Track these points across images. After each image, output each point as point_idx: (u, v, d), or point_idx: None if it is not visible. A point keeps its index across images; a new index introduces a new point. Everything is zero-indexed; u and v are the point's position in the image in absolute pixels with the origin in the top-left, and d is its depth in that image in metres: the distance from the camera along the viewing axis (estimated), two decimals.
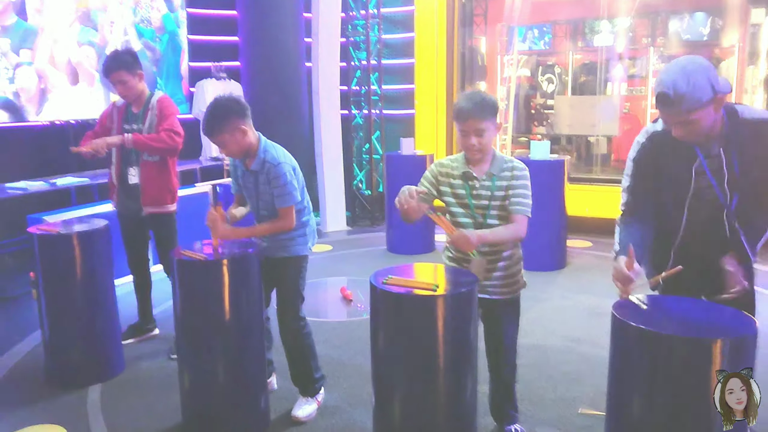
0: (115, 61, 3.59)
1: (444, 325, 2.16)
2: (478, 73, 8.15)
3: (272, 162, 2.82)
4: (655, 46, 7.93)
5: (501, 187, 2.49)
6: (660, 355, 1.75)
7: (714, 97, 1.98)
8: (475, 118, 2.42)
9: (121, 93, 3.66)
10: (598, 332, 3.98)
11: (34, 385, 3.42)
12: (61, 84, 6.06)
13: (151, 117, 3.67)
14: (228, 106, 2.77)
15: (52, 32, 5.93)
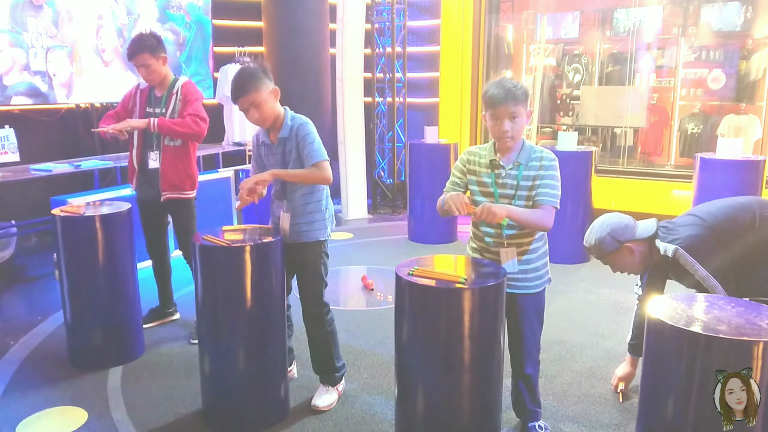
0: (138, 44, 3.56)
1: (471, 319, 2.11)
2: (503, 62, 8.03)
3: (301, 122, 2.82)
4: (686, 36, 7.74)
5: (528, 177, 2.42)
6: (698, 357, 1.68)
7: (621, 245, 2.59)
8: (508, 103, 2.36)
9: (145, 76, 3.63)
10: (624, 328, 3.89)
11: (55, 366, 3.44)
12: (94, 67, 6.08)
13: (174, 102, 3.64)
14: (257, 69, 2.75)
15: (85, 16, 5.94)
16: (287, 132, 2.81)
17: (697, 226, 2.52)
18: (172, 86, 3.68)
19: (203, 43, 7.43)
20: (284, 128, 2.82)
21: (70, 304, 3.41)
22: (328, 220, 2.97)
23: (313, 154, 2.77)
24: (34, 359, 3.56)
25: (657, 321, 1.77)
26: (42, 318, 4.14)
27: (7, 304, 4.51)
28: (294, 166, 2.82)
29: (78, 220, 3.35)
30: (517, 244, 2.47)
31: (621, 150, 7.80)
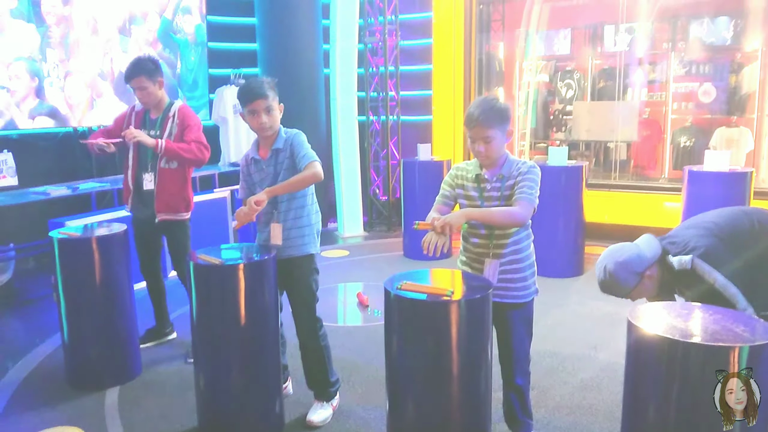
0: (136, 67, 3.64)
1: (458, 331, 2.15)
2: (495, 79, 8.13)
3: (293, 133, 2.93)
4: (676, 50, 7.85)
5: (509, 186, 2.49)
6: (676, 363, 1.72)
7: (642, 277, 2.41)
8: (481, 126, 2.42)
9: (141, 99, 3.70)
10: (616, 339, 3.94)
11: (53, 387, 3.47)
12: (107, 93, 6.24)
13: (171, 126, 3.69)
14: (271, 81, 2.91)
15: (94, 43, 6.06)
16: (281, 143, 2.91)
17: (707, 237, 2.46)
18: (167, 109, 3.74)
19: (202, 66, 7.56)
20: (278, 140, 2.92)
21: (68, 325, 3.45)
22: (316, 234, 3.03)
23: (305, 156, 2.87)
24: (32, 380, 3.59)
25: (636, 328, 1.82)
26: (40, 340, 4.17)
27: (6, 326, 4.55)
28: (285, 176, 2.88)
29: (76, 242, 3.41)
30: (502, 255, 2.52)
31: (614, 164, 7.87)
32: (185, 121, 3.70)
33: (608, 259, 2.44)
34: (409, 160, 6.30)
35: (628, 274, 2.41)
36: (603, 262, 2.45)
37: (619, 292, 2.46)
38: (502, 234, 2.52)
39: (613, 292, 2.46)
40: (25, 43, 5.56)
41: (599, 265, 2.47)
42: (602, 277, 2.45)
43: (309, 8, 7.23)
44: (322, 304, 3.06)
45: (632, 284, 2.41)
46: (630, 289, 2.43)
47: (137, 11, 6.63)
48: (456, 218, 2.34)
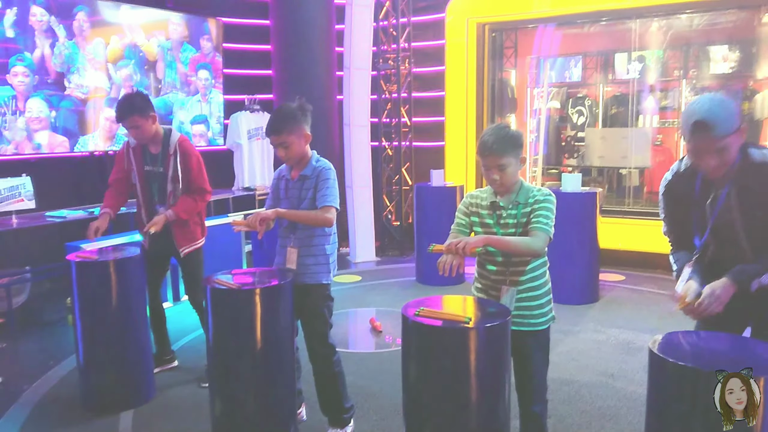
0: (126, 107, 3.56)
1: (476, 358, 2.14)
2: (508, 106, 8.18)
3: (325, 166, 2.97)
4: (687, 78, 7.88)
5: (525, 213, 2.49)
6: (700, 393, 1.70)
7: (740, 126, 2.13)
8: (495, 155, 2.43)
9: (136, 137, 3.63)
10: (634, 368, 3.90)
11: (68, 410, 3.47)
12: None
13: (174, 163, 3.64)
14: (297, 110, 2.93)
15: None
16: (310, 171, 2.95)
17: None
18: (166, 142, 3.68)
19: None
20: (308, 167, 2.96)
21: (83, 348, 3.46)
22: (332, 264, 3.04)
23: (326, 197, 2.90)
24: (47, 403, 3.59)
25: (659, 357, 1.81)
26: (55, 362, 4.18)
27: (21, 348, 4.56)
28: (307, 206, 2.92)
29: (92, 265, 3.43)
30: (519, 282, 2.51)
31: (627, 190, 7.86)
32: (187, 162, 3.66)
33: (713, 95, 2.16)
34: (422, 185, 6.32)
35: (735, 111, 2.12)
36: (706, 97, 2.14)
37: (718, 128, 2.06)
38: (519, 261, 2.51)
39: (711, 126, 2.06)
40: None
41: (699, 102, 2.13)
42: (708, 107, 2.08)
43: (323, 35, 7.34)
44: (334, 330, 3.05)
45: (735, 125, 2.09)
46: (732, 128, 2.08)
47: None
48: (474, 241, 2.35)
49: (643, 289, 5.71)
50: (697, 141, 2.12)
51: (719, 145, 2.09)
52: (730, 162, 2.15)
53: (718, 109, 2.08)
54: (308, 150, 2.99)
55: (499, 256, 2.52)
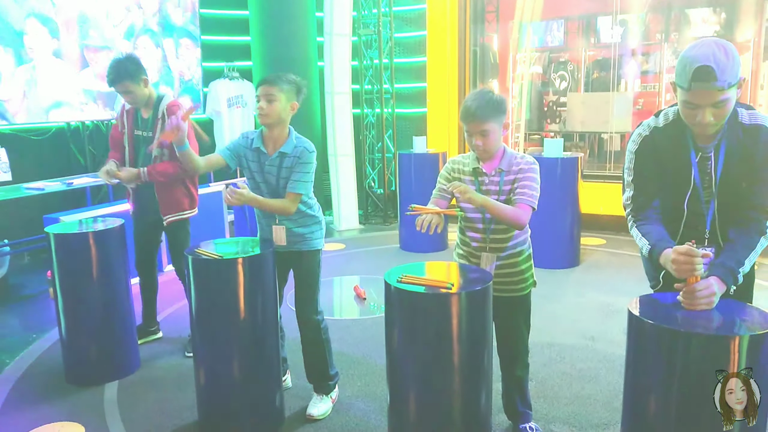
0: (117, 72, 3.51)
1: (459, 323, 2.16)
2: (490, 71, 8.13)
3: (308, 148, 2.87)
4: (669, 41, 7.86)
5: (509, 181, 2.49)
6: (677, 353, 1.73)
7: (742, 78, 1.93)
8: (478, 120, 2.41)
9: (129, 101, 3.63)
10: (614, 330, 3.97)
11: (52, 383, 3.46)
12: None
13: (161, 128, 3.59)
14: (294, 79, 2.87)
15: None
16: (290, 149, 2.85)
17: None
18: (156, 107, 3.65)
19: None
20: (287, 144, 2.86)
21: (65, 321, 3.44)
22: (323, 228, 3.05)
23: (298, 184, 2.83)
24: (30, 376, 3.58)
25: (638, 319, 1.83)
26: (37, 336, 4.16)
27: (2, 322, 4.52)
28: (285, 181, 2.87)
29: (72, 237, 3.39)
30: (500, 249, 2.53)
31: (608, 155, 7.89)
32: None
33: (716, 40, 1.93)
34: (405, 152, 6.30)
35: (736, 64, 1.91)
36: (708, 41, 1.93)
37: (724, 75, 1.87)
38: (500, 229, 2.52)
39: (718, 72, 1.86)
40: None
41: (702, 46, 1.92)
42: (713, 52, 1.88)
43: (302, 0, 7.20)
44: (320, 298, 3.06)
45: (735, 78, 1.90)
46: (736, 78, 1.90)
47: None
48: (476, 197, 2.34)
49: (624, 253, 5.79)
50: (697, 90, 1.90)
51: (720, 97, 1.89)
52: (724, 119, 1.97)
53: (722, 54, 1.86)
54: (287, 123, 2.89)
55: (479, 223, 2.53)
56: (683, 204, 2.14)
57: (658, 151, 2.14)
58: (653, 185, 2.17)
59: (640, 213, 2.18)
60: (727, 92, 1.90)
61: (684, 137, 2.09)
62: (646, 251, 2.07)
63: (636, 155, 2.18)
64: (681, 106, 2.01)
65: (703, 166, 2.09)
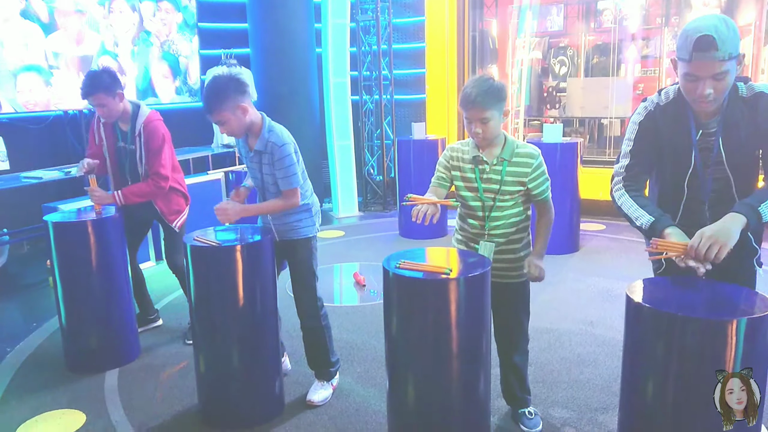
0: (92, 85, 3.43)
1: (457, 309, 2.16)
2: (489, 56, 8.08)
3: (277, 143, 2.79)
4: (669, 25, 7.81)
5: (513, 173, 2.47)
6: (675, 337, 1.74)
7: (741, 54, 1.93)
8: (478, 108, 2.39)
9: (103, 115, 3.53)
10: (612, 315, 3.98)
11: (52, 371, 3.48)
12: None
13: (139, 144, 3.55)
14: (226, 84, 2.72)
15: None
16: (263, 146, 2.81)
17: None
18: (134, 119, 3.56)
19: None
20: (260, 141, 2.81)
21: (65, 309, 3.44)
22: (315, 217, 3.02)
23: (285, 180, 2.80)
24: (31, 364, 3.59)
25: (636, 303, 1.83)
26: (37, 324, 4.16)
27: (2, 311, 4.53)
28: (270, 177, 2.85)
29: (71, 225, 3.39)
30: (499, 235, 2.52)
31: (608, 140, 7.87)
32: (148, 143, 3.54)
33: (718, 17, 1.94)
34: (404, 139, 6.28)
35: (737, 37, 1.91)
36: (710, 15, 1.96)
37: (726, 45, 1.86)
38: (499, 216, 2.51)
39: (719, 42, 1.86)
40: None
41: (704, 19, 1.94)
42: (714, 23, 1.89)
43: None
44: (320, 285, 3.06)
45: (736, 50, 1.90)
46: (737, 50, 1.90)
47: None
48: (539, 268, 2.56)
49: (623, 238, 5.79)
50: (698, 61, 1.89)
51: (720, 69, 1.89)
52: (723, 94, 1.97)
53: (723, 26, 1.88)
54: (257, 116, 2.82)
55: (479, 211, 2.52)
56: (684, 184, 2.13)
57: (659, 129, 2.13)
58: (649, 160, 2.18)
59: (634, 184, 2.17)
60: (727, 64, 1.89)
61: (685, 115, 2.08)
62: (647, 223, 2.04)
63: (639, 126, 2.17)
64: (681, 80, 2.00)
65: (705, 143, 2.08)
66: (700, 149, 2.08)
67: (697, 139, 2.07)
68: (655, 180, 2.27)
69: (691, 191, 2.14)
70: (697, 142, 2.08)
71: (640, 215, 2.08)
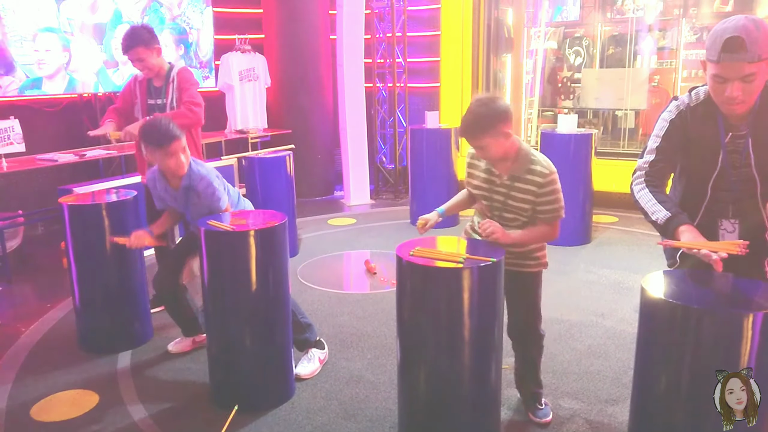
0: (131, 39, 3.56)
1: (470, 297, 2.16)
2: (504, 46, 8.02)
3: (193, 183, 3.02)
4: (687, 17, 7.71)
5: (521, 189, 2.42)
6: (690, 330, 1.73)
7: None
8: (469, 139, 2.37)
9: (141, 69, 3.66)
10: (623, 307, 3.96)
11: (66, 351, 3.52)
12: None
13: (172, 91, 3.68)
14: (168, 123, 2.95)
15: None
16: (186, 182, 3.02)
17: None
18: (168, 75, 3.71)
19: None
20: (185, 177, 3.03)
21: (79, 290, 3.48)
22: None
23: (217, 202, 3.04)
24: (45, 345, 3.64)
25: (650, 296, 1.82)
26: (51, 305, 4.21)
27: (17, 292, 4.58)
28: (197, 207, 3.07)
29: (85, 208, 3.41)
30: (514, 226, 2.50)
31: (622, 132, 7.81)
32: (181, 84, 3.66)
33: (748, 18, 1.90)
34: (417, 127, 6.25)
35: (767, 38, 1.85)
36: (739, 16, 1.91)
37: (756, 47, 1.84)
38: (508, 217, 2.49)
39: (748, 43, 1.83)
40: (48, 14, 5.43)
41: (733, 20, 1.90)
42: (744, 24, 1.87)
43: None
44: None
45: (766, 52, 1.85)
46: (761, 57, 1.85)
47: None
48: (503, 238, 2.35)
49: (635, 231, 5.76)
50: (727, 62, 1.87)
51: (749, 71, 1.86)
52: (754, 97, 1.94)
53: (753, 27, 1.85)
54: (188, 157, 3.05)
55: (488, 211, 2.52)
56: (707, 187, 2.12)
57: (688, 128, 2.11)
58: (675, 159, 2.16)
59: (656, 180, 2.15)
60: (757, 66, 1.87)
61: (714, 116, 2.06)
62: (662, 218, 2.03)
63: (670, 124, 2.14)
64: (710, 82, 1.98)
65: (734, 146, 2.05)
66: (729, 152, 2.06)
67: (726, 141, 2.05)
68: (678, 179, 2.25)
69: (715, 192, 2.12)
70: (725, 145, 2.05)
71: (657, 210, 2.06)
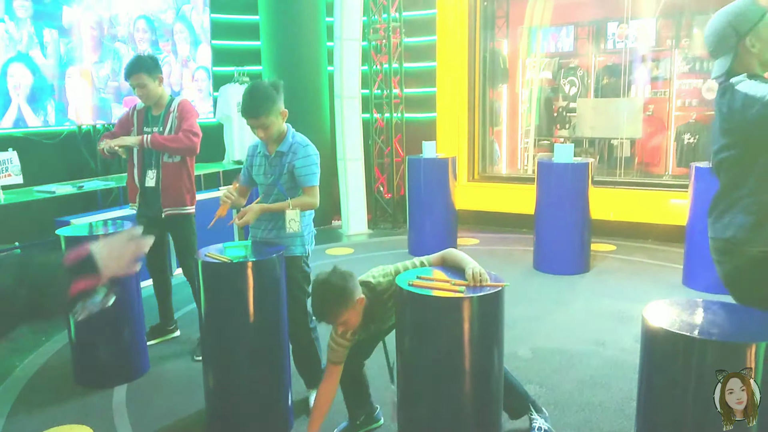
0: (135, 65, 3.64)
1: (471, 327, 2.14)
2: (500, 76, 8.12)
3: (302, 143, 2.98)
4: (680, 47, 7.82)
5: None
6: (692, 360, 1.71)
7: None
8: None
9: (141, 96, 3.71)
10: (624, 336, 3.94)
11: (61, 385, 3.47)
12: None
13: (171, 120, 3.72)
14: (271, 90, 2.91)
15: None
16: (286, 147, 2.95)
17: None
18: (168, 105, 3.76)
19: None
20: (284, 143, 2.96)
21: (75, 323, 3.44)
22: (307, 237, 3.09)
23: (307, 177, 2.95)
24: (40, 378, 3.59)
25: (652, 326, 1.81)
26: (46, 338, 4.17)
27: None
28: (285, 180, 2.95)
29: (83, 240, 3.40)
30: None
31: (619, 161, 7.86)
32: (183, 113, 3.72)
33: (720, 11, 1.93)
34: (414, 157, 6.28)
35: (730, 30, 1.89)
36: None
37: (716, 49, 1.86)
38: None
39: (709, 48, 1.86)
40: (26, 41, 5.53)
41: None
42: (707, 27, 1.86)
43: (312, 6, 7.22)
44: None
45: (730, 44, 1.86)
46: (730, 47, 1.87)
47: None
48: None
49: (634, 259, 5.75)
50: None
51: None
52: None
53: None
54: (284, 125, 3.01)
55: None
56: None
57: None
58: None
59: None
60: None
61: None
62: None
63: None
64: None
65: None
66: None
67: None
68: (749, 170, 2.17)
69: None
70: None
71: None
